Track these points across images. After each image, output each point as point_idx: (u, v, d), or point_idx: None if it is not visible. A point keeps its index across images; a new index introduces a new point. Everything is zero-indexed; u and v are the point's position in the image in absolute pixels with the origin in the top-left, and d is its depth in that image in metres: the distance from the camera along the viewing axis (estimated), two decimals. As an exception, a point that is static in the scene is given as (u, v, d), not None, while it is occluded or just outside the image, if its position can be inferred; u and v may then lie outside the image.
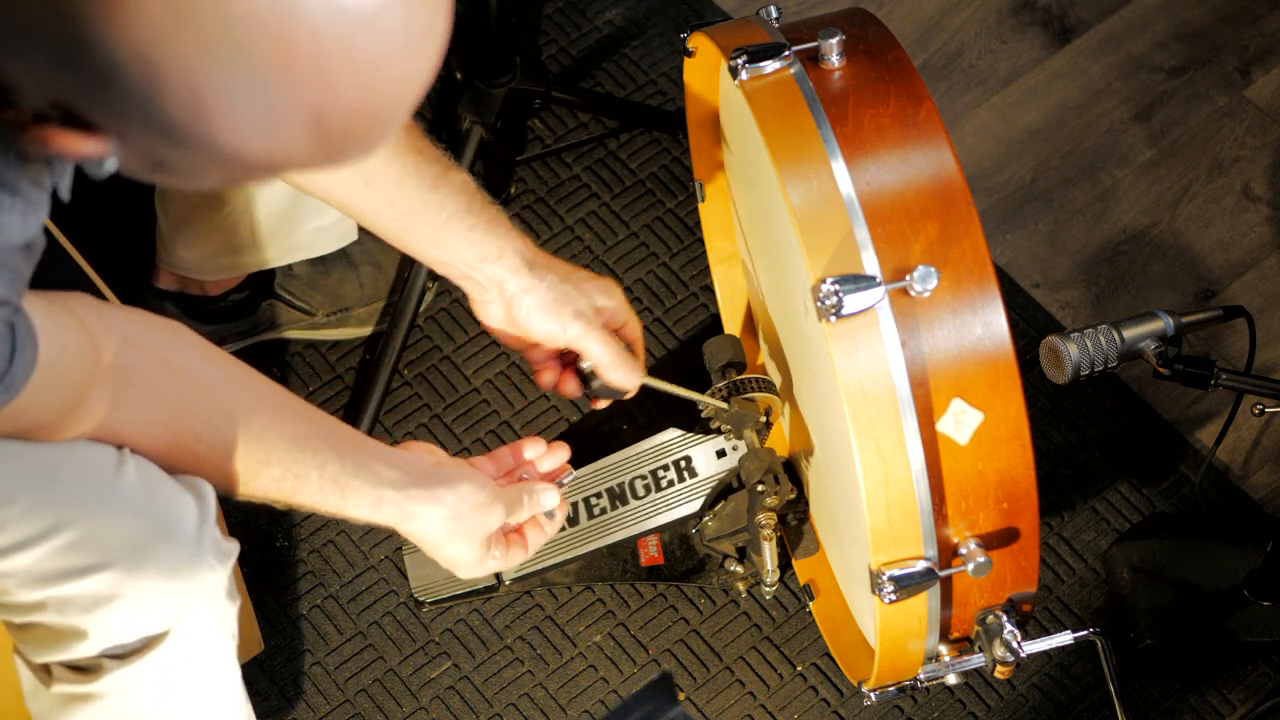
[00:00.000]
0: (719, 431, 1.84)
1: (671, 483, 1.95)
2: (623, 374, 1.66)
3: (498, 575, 1.93)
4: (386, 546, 1.98)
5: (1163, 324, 1.65)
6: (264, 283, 2.05)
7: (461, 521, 1.49)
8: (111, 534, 1.32)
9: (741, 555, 1.92)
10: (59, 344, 1.22)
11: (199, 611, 1.40)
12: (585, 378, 1.69)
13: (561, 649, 1.93)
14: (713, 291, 2.05)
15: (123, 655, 1.40)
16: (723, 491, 1.90)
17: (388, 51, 0.91)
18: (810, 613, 1.91)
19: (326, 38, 0.88)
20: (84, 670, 1.42)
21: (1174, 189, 2.19)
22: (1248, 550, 1.87)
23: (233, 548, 1.40)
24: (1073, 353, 1.63)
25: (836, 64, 1.55)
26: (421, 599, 1.93)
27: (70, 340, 1.24)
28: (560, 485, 1.60)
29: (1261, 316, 2.08)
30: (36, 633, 1.39)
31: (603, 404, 1.73)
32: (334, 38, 0.88)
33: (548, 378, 1.70)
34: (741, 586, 1.93)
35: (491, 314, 1.65)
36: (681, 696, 1.91)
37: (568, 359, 1.70)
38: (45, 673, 1.46)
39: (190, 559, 1.37)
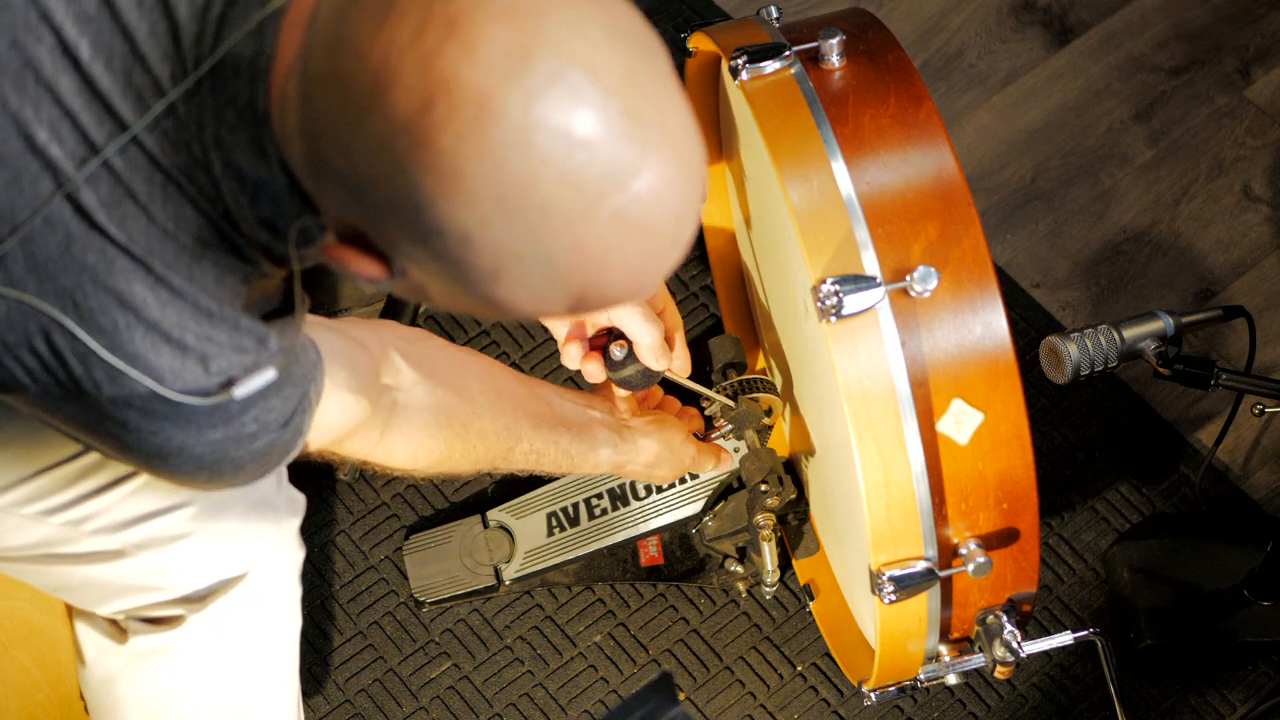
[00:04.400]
0: (719, 431, 1.83)
1: (672, 484, 1.95)
2: (659, 357, 1.65)
3: (498, 575, 1.92)
4: (386, 546, 1.98)
5: (1163, 324, 1.65)
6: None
7: (673, 434, 1.76)
8: None
9: (741, 555, 1.92)
10: (346, 369, 1.36)
11: (274, 553, 1.50)
12: (613, 364, 1.66)
13: (561, 649, 1.93)
14: (713, 291, 2.05)
15: (200, 599, 1.45)
16: (723, 492, 1.90)
17: (655, 253, 1.05)
18: (810, 613, 1.91)
19: (612, 241, 1.02)
20: (161, 622, 1.46)
21: (1174, 189, 2.19)
22: (1248, 550, 1.86)
23: (302, 499, 1.50)
24: (1073, 353, 1.63)
25: (837, 64, 1.55)
26: (421, 599, 1.93)
27: (359, 364, 1.40)
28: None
29: (1261, 316, 2.08)
30: (111, 582, 1.43)
31: (621, 394, 1.72)
32: (618, 241, 1.02)
33: (573, 351, 1.68)
34: (741, 586, 1.93)
35: None
36: (681, 696, 1.91)
37: (595, 343, 1.69)
38: (117, 629, 1.49)
39: (267, 501, 1.46)
